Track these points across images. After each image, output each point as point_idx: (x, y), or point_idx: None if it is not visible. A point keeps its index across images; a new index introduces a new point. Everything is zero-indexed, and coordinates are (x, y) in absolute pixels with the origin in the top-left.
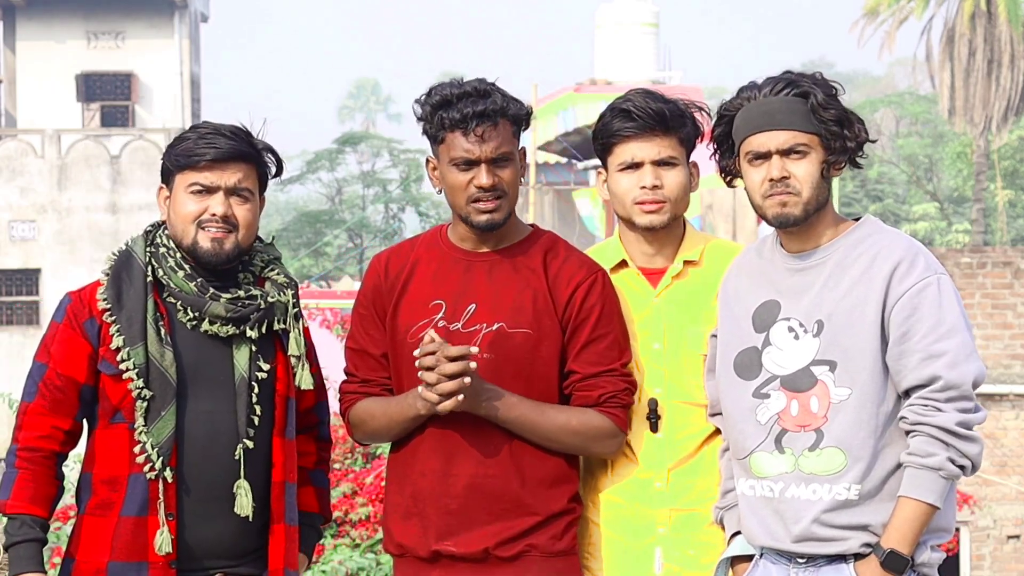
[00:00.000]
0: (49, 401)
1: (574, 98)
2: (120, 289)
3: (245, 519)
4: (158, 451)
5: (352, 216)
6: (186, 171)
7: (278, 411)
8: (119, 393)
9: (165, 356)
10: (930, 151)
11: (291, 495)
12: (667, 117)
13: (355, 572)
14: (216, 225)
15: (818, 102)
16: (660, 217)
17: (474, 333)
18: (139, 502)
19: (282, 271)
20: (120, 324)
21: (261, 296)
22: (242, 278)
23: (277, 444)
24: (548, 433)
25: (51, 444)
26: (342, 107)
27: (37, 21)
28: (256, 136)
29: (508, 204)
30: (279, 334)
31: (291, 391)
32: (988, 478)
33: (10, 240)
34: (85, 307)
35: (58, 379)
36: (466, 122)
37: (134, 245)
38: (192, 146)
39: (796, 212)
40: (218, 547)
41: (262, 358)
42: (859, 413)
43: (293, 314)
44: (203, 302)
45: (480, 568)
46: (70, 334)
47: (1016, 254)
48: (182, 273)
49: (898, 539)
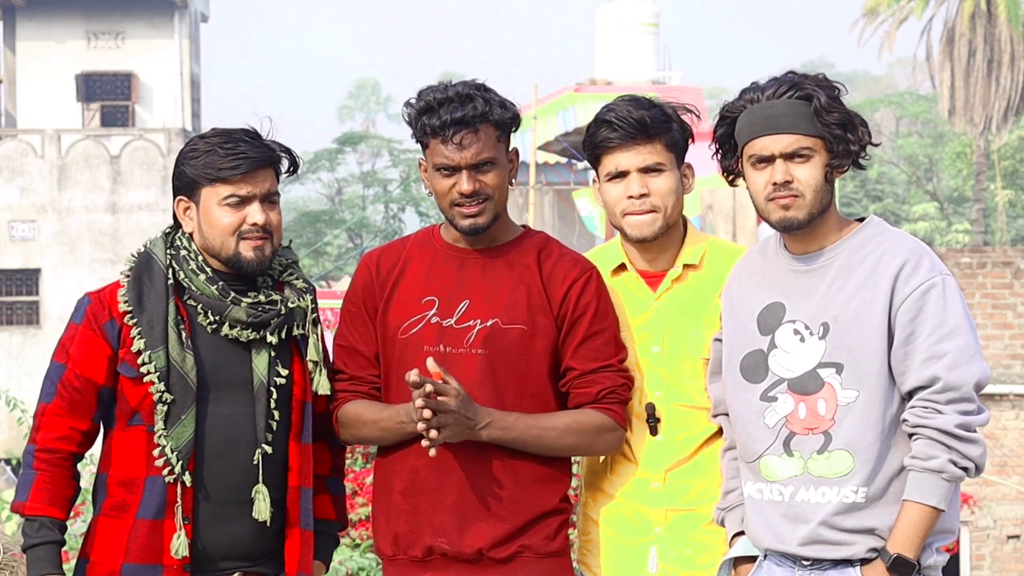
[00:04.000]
0: (67, 402)
1: (574, 98)
2: (141, 291)
3: (261, 523)
4: (177, 455)
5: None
6: (217, 184)
7: (295, 416)
8: (138, 395)
9: (186, 360)
10: (930, 151)
11: (307, 500)
12: (648, 124)
13: (355, 572)
14: (257, 234)
15: (821, 105)
16: (651, 228)
17: (468, 329)
18: (156, 504)
19: (300, 275)
20: (141, 327)
21: (281, 301)
22: (261, 282)
23: (293, 449)
24: (551, 443)
25: (68, 445)
26: (342, 107)
27: (37, 21)
28: (265, 137)
29: (494, 207)
30: (297, 339)
31: (308, 396)
32: (988, 478)
33: (10, 240)
34: (105, 308)
35: (77, 380)
36: (445, 129)
37: (154, 247)
38: (217, 159)
39: (800, 216)
40: (234, 550)
41: (280, 363)
42: (866, 415)
43: (312, 319)
44: (224, 306)
45: (473, 569)
46: (90, 335)
47: (1016, 254)
48: (203, 276)
49: (904, 543)
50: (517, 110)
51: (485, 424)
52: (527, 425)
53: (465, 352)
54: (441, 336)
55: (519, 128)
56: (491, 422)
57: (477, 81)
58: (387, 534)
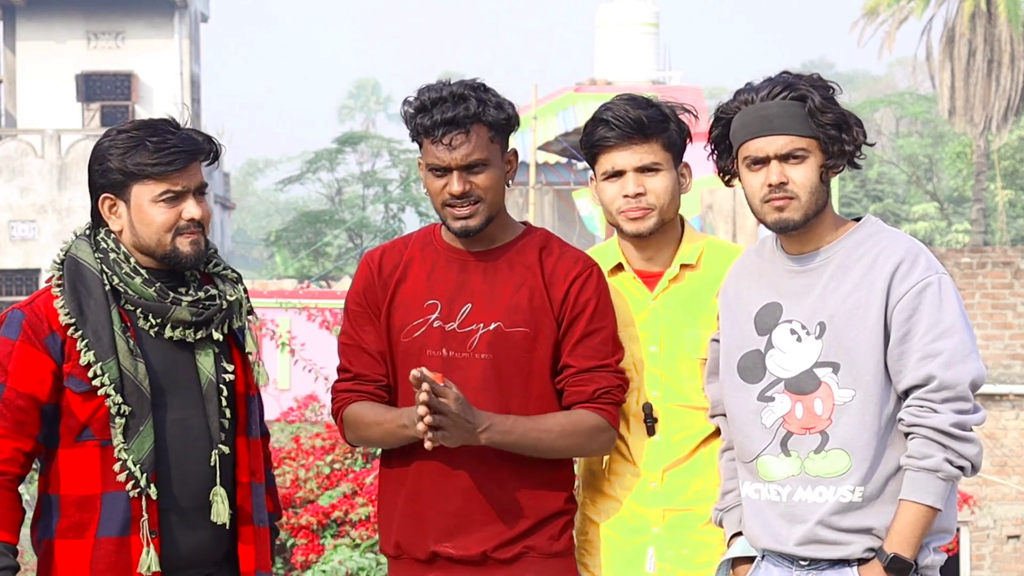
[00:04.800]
0: (11, 422)
1: (574, 98)
2: (80, 301)
3: (220, 525)
4: (141, 467)
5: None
6: (150, 181)
7: (241, 411)
8: (87, 410)
9: (138, 368)
10: (930, 151)
11: (259, 496)
12: (645, 124)
13: (355, 572)
14: (193, 229)
15: (816, 106)
16: (646, 224)
17: (471, 333)
18: (119, 521)
19: (225, 264)
20: (88, 338)
21: (219, 295)
22: (189, 276)
23: (242, 445)
24: (548, 445)
25: (13, 467)
26: (342, 107)
27: (37, 21)
28: (183, 127)
29: (486, 208)
30: (233, 332)
31: (251, 389)
32: (988, 478)
33: (10, 240)
34: (43, 321)
35: (19, 398)
36: (436, 129)
37: (78, 252)
38: (147, 154)
39: (796, 217)
40: (197, 556)
41: (224, 359)
42: (863, 415)
43: (247, 309)
44: (165, 308)
45: (478, 570)
46: (29, 351)
47: (1016, 254)
48: (139, 279)
49: (900, 543)
50: (515, 111)
51: (484, 428)
52: (525, 429)
53: (469, 356)
54: (444, 340)
55: (518, 128)
56: (490, 426)
57: (476, 81)
58: (391, 537)
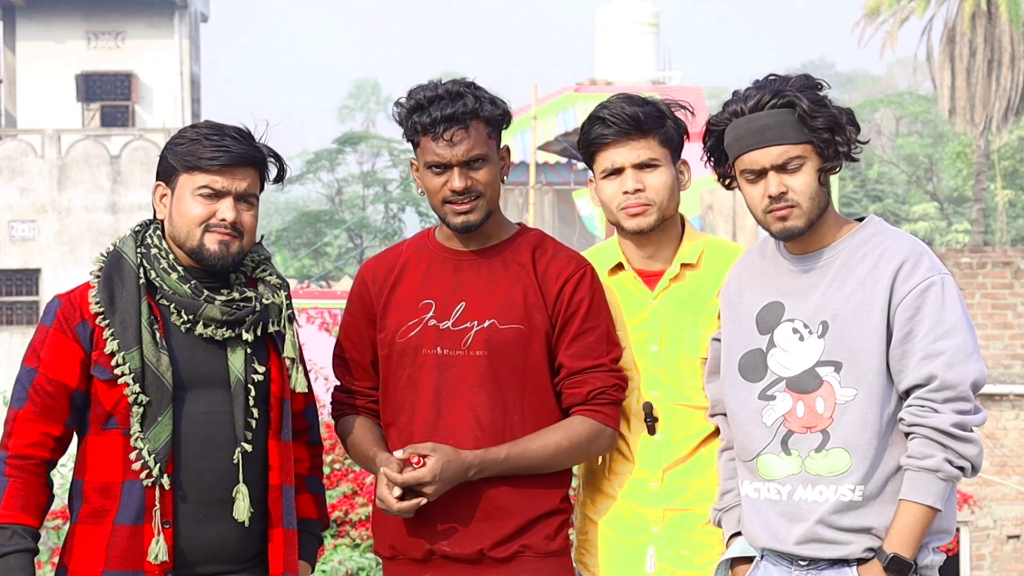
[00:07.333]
0: (39, 407)
1: (574, 98)
2: (112, 292)
3: (243, 524)
4: (155, 457)
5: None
6: (194, 172)
7: (273, 413)
8: (113, 398)
9: (161, 360)
10: (930, 151)
11: (288, 499)
12: (642, 120)
13: (355, 572)
14: (224, 229)
15: (805, 111)
16: (646, 220)
17: (465, 331)
18: (135, 509)
19: (273, 271)
20: (114, 328)
21: (255, 298)
22: (233, 279)
23: (273, 447)
24: (544, 463)
25: (41, 451)
26: (342, 107)
27: (37, 21)
28: (258, 139)
29: (486, 204)
30: (272, 336)
31: (286, 393)
32: (988, 478)
33: (10, 240)
34: (76, 310)
35: (49, 384)
36: (436, 126)
37: (123, 246)
38: (201, 148)
39: (800, 224)
40: (217, 553)
41: (256, 360)
42: (865, 414)
43: (287, 316)
44: (198, 305)
45: (474, 569)
46: (61, 338)
47: (1016, 254)
48: (175, 275)
49: (900, 543)
50: (507, 107)
51: (477, 470)
52: (518, 457)
53: (464, 354)
54: (439, 339)
55: (510, 126)
56: (482, 469)
57: (467, 79)
58: (386, 538)
